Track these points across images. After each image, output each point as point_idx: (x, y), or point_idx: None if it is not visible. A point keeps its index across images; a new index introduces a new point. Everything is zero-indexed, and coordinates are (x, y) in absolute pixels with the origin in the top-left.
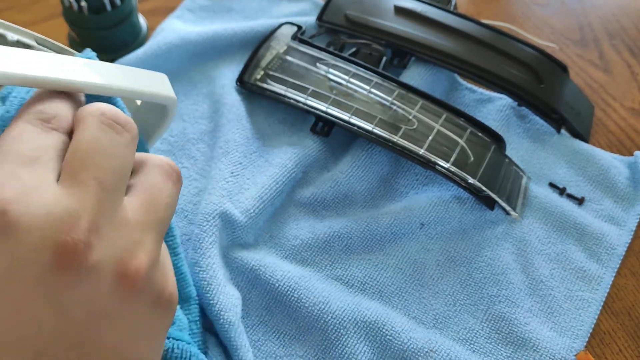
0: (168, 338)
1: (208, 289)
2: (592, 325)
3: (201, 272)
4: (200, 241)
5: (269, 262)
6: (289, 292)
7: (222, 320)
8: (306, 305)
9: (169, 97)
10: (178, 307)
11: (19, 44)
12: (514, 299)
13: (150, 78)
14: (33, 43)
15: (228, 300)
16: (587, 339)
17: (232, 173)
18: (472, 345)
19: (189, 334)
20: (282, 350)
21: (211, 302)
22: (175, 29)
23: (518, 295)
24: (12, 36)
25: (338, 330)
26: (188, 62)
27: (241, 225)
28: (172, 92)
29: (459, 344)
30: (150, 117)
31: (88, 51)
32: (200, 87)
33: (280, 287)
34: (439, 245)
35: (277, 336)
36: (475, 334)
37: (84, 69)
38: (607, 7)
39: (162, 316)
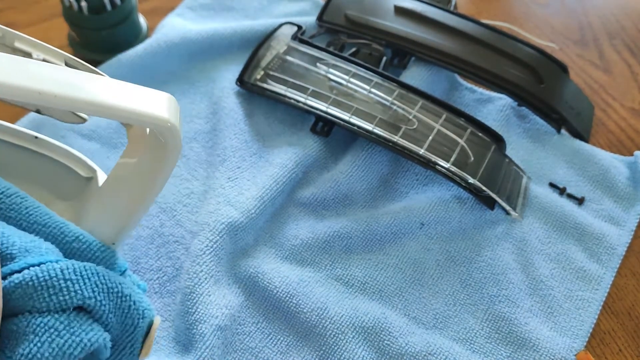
0: (27, 268)
1: (190, 297)
2: (592, 325)
3: (187, 280)
4: (193, 249)
5: (267, 268)
6: (287, 298)
7: (194, 331)
8: (304, 311)
9: (158, 118)
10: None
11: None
12: (514, 298)
13: (148, 97)
14: (61, 64)
15: (207, 310)
16: (587, 339)
17: (229, 178)
18: (472, 345)
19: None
20: (279, 356)
21: (190, 310)
22: (176, 26)
23: (518, 295)
24: (37, 55)
25: (336, 335)
26: (187, 61)
27: (242, 226)
28: (168, 114)
29: (459, 343)
30: (154, 154)
31: None
32: (198, 85)
33: (278, 293)
34: (439, 245)
35: (274, 343)
36: (475, 333)
37: (50, 76)
38: (607, 7)
39: None
